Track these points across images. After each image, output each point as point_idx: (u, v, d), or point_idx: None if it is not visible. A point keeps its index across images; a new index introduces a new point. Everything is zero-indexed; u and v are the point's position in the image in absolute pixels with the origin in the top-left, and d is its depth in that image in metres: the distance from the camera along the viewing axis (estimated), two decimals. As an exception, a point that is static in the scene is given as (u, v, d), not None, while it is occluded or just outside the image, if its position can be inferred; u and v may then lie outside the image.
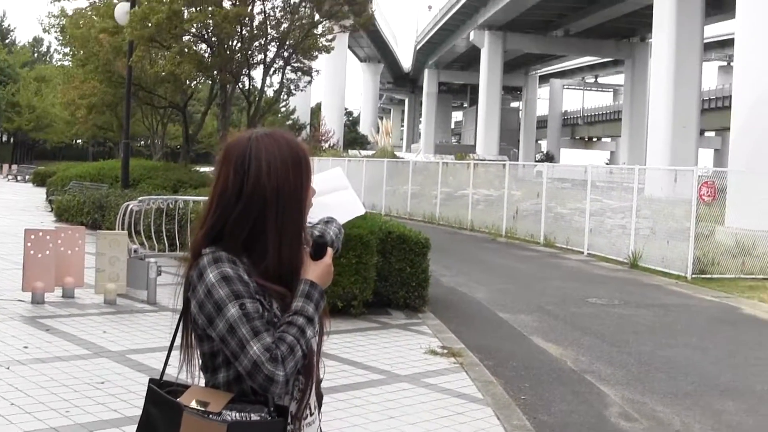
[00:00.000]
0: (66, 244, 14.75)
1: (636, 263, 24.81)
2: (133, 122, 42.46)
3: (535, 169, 38.83)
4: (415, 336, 13.34)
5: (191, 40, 33.87)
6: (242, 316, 2.88)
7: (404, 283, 15.32)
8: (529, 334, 14.45)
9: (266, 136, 3.11)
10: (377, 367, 10.97)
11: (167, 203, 19.91)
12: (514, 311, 16.56)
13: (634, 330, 15.19)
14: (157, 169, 35.50)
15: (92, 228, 23.04)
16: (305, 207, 3.13)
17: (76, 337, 11.80)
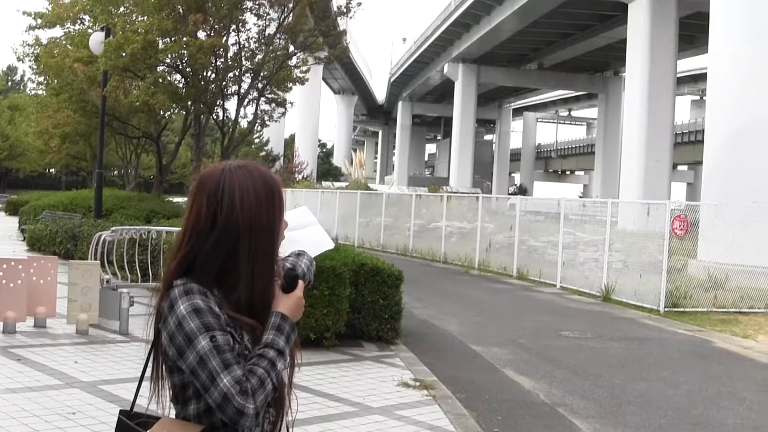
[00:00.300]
0: (38, 274, 14.70)
1: (609, 296, 24.84)
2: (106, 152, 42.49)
3: (509, 201, 38.91)
4: (387, 368, 13.31)
5: (166, 71, 33.88)
6: (213, 349, 2.88)
7: (377, 315, 15.30)
8: (502, 366, 14.45)
9: (240, 169, 3.11)
10: (349, 399, 10.94)
11: (140, 233, 19.87)
12: (487, 344, 16.55)
13: (606, 363, 15.21)
14: (130, 200, 35.40)
15: (65, 258, 22.93)
16: (278, 240, 3.13)
17: (48, 367, 11.74)
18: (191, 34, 31.08)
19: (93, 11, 37.78)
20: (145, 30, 31.02)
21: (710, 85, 33.54)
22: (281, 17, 34.16)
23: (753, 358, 16.79)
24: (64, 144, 51.82)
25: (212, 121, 36.36)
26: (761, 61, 30.14)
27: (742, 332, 19.86)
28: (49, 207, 36.19)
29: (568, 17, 70.25)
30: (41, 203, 38.67)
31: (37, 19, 43.46)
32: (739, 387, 13.90)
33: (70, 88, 40.66)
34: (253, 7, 33.77)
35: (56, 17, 42.78)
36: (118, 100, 36.68)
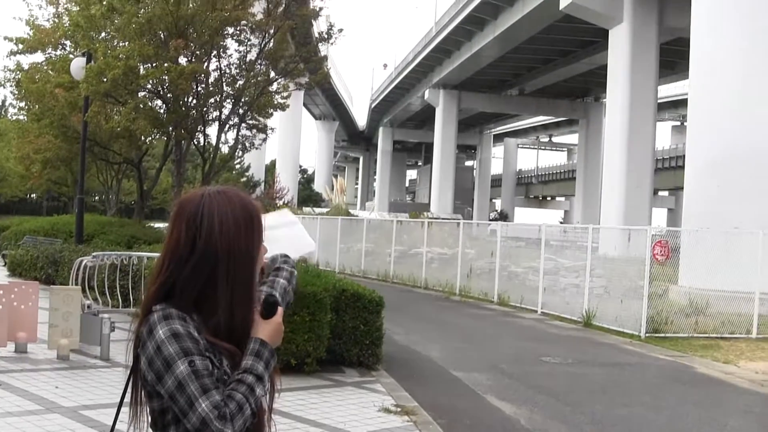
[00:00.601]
0: (19, 299, 14.65)
1: (590, 322, 24.87)
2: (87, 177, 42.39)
3: (489, 227, 39.03)
4: (368, 394, 13.31)
5: (147, 96, 33.86)
6: (191, 374, 2.87)
7: (358, 341, 15.31)
8: (483, 392, 14.45)
9: (219, 194, 3.12)
10: (331, 424, 10.92)
11: (121, 259, 19.85)
12: (468, 369, 16.55)
13: (587, 389, 15.23)
14: (111, 225, 35.32)
15: (46, 283, 22.89)
16: (257, 266, 3.13)
17: (29, 393, 11.71)
18: (172, 60, 31.08)
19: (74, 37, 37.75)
20: (127, 55, 30.99)
21: (691, 110, 33.72)
22: (262, 43, 34.20)
23: (734, 383, 16.83)
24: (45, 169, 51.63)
25: (193, 147, 36.32)
26: (741, 87, 30.34)
27: (723, 358, 19.91)
28: (30, 232, 36.10)
29: (549, 43, 70.56)
30: (22, 228, 38.56)
31: (19, 44, 43.36)
32: (721, 412, 13.93)
33: (52, 113, 40.56)
34: (234, 33, 33.79)
35: (37, 42, 42.70)
36: (99, 126, 36.59)
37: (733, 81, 30.61)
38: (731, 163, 30.22)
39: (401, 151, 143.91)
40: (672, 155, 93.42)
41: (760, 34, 30.37)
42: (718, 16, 31.74)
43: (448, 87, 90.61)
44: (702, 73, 32.51)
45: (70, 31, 36.92)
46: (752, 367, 18.66)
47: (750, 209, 29.16)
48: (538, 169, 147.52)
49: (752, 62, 30.46)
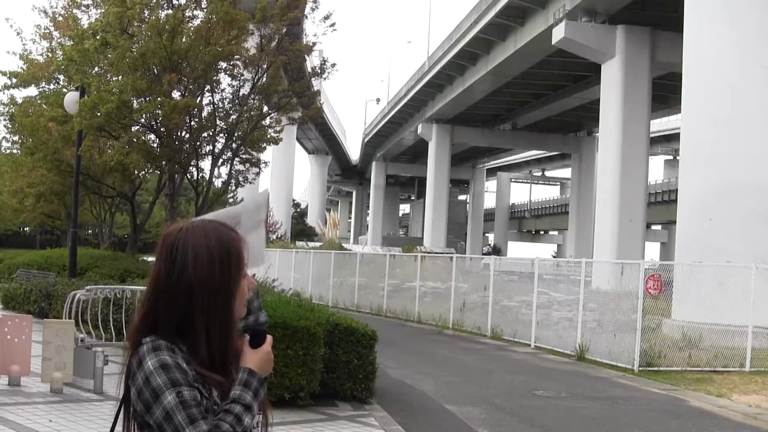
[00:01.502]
0: (12, 332, 14.65)
1: (583, 356, 24.87)
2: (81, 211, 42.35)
3: (483, 261, 39.04)
4: (362, 428, 13.30)
5: (140, 130, 33.88)
6: (179, 404, 2.90)
7: (351, 374, 15.30)
8: (476, 426, 14.44)
9: (197, 228, 3.15)
10: (324, 458, 10.94)
11: (114, 292, 19.85)
12: (461, 403, 16.55)
13: (581, 423, 15.23)
14: (104, 258, 35.29)
15: (39, 316, 22.84)
16: (234, 299, 3.12)
17: (22, 426, 11.70)
18: (166, 94, 31.11)
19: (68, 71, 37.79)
20: (120, 90, 31.03)
21: (683, 145, 33.85)
22: (255, 78, 34.26)
23: (728, 417, 16.83)
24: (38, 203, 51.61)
25: (186, 181, 36.32)
26: (733, 122, 30.49)
27: (716, 391, 19.91)
28: (24, 265, 36.08)
29: (542, 78, 70.84)
30: (15, 261, 38.56)
31: (12, 78, 43.44)
32: (713, 446, 13.94)
33: (45, 147, 40.54)
34: (228, 67, 33.86)
35: (31, 76, 42.78)
36: (92, 160, 36.62)
37: (725, 115, 30.75)
38: (724, 197, 30.32)
39: (394, 186, 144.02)
40: (665, 189, 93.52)
41: (752, 69, 30.55)
42: (709, 51, 31.91)
43: (441, 121, 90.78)
44: (694, 108, 32.68)
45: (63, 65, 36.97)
46: (745, 401, 18.66)
47: (743, 243, 29.24)
48: (531, 203, 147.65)
49: (744, 96, 30.62)
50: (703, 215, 31.05)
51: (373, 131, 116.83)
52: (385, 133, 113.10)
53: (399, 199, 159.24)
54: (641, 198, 50.67)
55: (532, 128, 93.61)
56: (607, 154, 50.92)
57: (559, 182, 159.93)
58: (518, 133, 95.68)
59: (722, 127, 30.72)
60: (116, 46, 30.99)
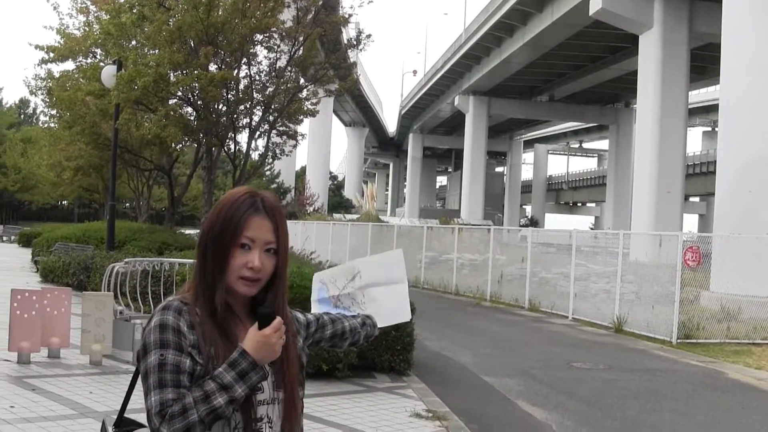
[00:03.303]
0: (52, 305, 14.73)
1: (621, 328, 24.78)
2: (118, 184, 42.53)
3: (520, 233, 38.89)
4: (400, 399, 13.31)
5: (177, 104, 33.95)
6: (157, 366, 2.95)
7: (389, 346, 15.29)
8: (514, 398, 14.42)
9: (229, 193, 3.25)
10: (362, 430, 10.93)
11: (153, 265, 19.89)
12: (499, 375, 16.53)
13: (618, 394, 15.17)
14: (142, 231, 35.46)
15: (78, 289, 22.97)
16: (219, 260, 3.11)
17: (62, 397, 11.79)
18: (202, 67, 31.11)
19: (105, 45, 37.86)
20: (157, 63, 31.08)
21: (722, 116, 33.54)
22: (292, 50, 34.21)
23: (766, 389, 16.74)
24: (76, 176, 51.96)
25: (224, 154, 36.35)
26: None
27: (755, 363, 19.81)
28: (62, 239, 36.30)
29: (579, 49, 70.39)
30: (54, 235, 38.79)
31: (50, 52, 43.62)
32: (753, 419, 13.86)
33: (82, 121, 40.74)
34: (264, 40, 33.82)
35: (68, 51, 42.93)
36: (129, 133, 36.75)
37: (764, 85, 30.46)
38: (763, 169, 30.08)
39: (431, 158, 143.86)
40: (703, 160, 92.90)
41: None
42: (748, 20, 31.60)
43: (477, 93, 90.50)
44: (733, 78, 32.38)
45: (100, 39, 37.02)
46: (785, 373, 18.57)
47: (782, 214, 29.05)
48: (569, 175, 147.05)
49: (783, 66, 30.34)
50: (742, 187, 30.81)
51: (410, 103, 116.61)
52: (422, 105, 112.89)
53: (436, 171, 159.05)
54: (679, 169, 50.29)
55: (569, 100, 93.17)
56: (645, 125, 50.54)
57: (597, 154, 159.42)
58: (555, 105, 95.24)
59: (761, 98, 30.43)
60: (153, 19, 31.03)
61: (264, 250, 3.10)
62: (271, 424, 3.10)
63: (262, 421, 3.08)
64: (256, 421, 3.06)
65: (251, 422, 3.04)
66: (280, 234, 3.14)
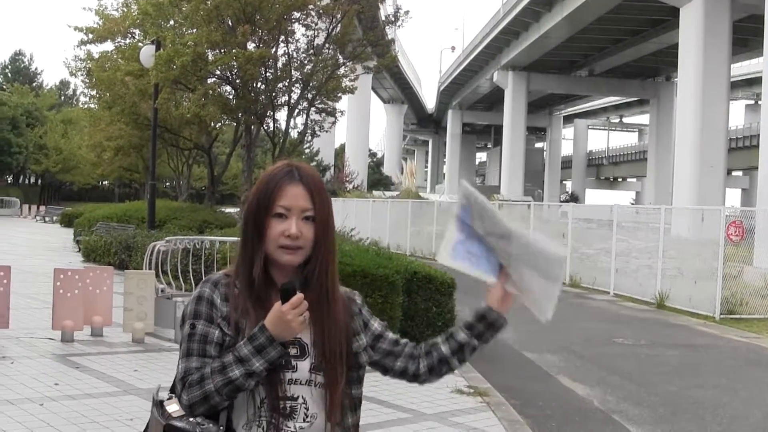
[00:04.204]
0: (94, 284, 14.83)
1: (663, 303, 24.67)
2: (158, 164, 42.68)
3: (560, 209, 38.75)
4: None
5: (216, 83, 34.02)
6: (188, 335, 3.05)
7: (430, 323, 15.28)
8: (556, 373, 14.40)
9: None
10: (404, 405, 10.94)
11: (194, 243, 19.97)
12: (540, 351, 16.50)
13: (661, 370, 15.11)
14: (182, 210, 35.63)
15: (119, 268, 23.07)
16: (252, 231, 3.12)
17: (105, 375, 11.88)
18: (240, 46, 31.13)
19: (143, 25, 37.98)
20: (195, 42, 31.15)
21: (765, 89, 33.25)
22: (329, 27, 34.15)
23: (810, 363, 16.64)
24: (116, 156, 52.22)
25: (263, 132, 36.38)
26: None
27: (799, 338, 19.70)
28: (103, 218, 36.51)
29: (619, 23, 69.86)
30: (95, 215, 39.04)
31: (88, 34, 43.83)
32: (797, 393, 13.78)
33: (122, 101, 40.94)
34: (301, 17, 33.79)
35: (107, 32, 43.11)
36: (169, 113, 36.87)
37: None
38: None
39: (470, 134, 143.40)
40: (746, 134, 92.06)
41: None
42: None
43: (516, 69, 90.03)
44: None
45: (138, 19, 37.14)
46: (829, 348, 18.44)
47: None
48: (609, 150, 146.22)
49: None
50: (786, 160, 30.55)
51: (449, 80, 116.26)
52: (461, 81, 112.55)
53: (475, 147, 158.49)
54: (722, 143, 49.85)
55: (609, 74, 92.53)
56: (686, 99, 50.12)
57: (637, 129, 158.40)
58: (595, 80, 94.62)
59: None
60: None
61: (302, 217, 3.08)
62: (307, 405, 3.08)
63: (296, 400, 3.07)
64: (287, 399, 3.05)
65: (277, 399, 3.03)
66: (316, 201, 3.11)
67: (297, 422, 3.06)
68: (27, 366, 12.34)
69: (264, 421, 3.02)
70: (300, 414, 3.06)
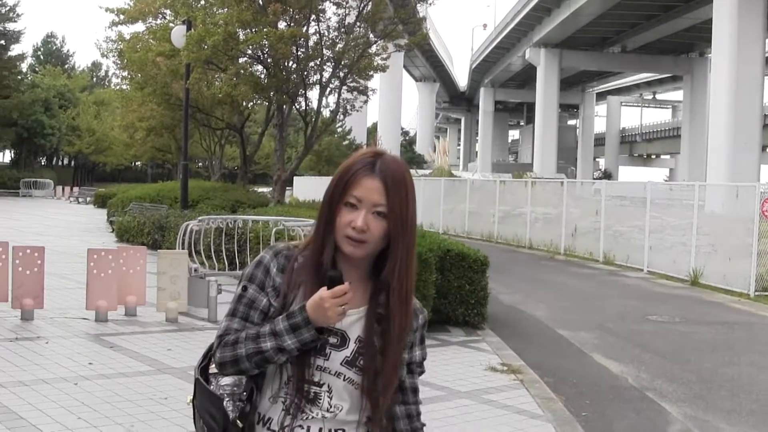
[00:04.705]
0: (128, 264, 14.88)
1: (697, 281, 24.55)
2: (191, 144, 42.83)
3: (594, 186, 38.59)
4: (474, 353, 13.30)
5: (247, 62, 34.06)
6: (238, 296, 3.09)
7: (463, 300, 15.28)
8: (589, 351, 14.36)
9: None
10: (437, 383, 10.94)
11: (226, 222, 20.02)
12: (574, 328, 16.46)
13: (695, 347, 15.05)
14: (215, 190, 35.73)
15: (153, 248, 23.16)
16: (330, 213, 3.07)
17: (139, 354, 11.93)
18: (271, 25, 31.15)
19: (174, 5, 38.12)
20: (226, 22, 31.20)
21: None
22: (360, 6, 34.12)
23: None
24: (148, 137, 52.48)
25: (295, 111, 36.44)
26: None
27: (834, 315, 19.57)
28: (136, 199, 36.64)
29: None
30: (128, 195, 39.18)
31: (120, 15, 43.96)
32: (833, 369, 13.69)
33: (154, 81, 41.08)
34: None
35: (138, 13, 43.22)
36: (201, 93, 36.98)
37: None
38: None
39: (503, 112, 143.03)
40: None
41: None
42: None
43: (548, 46, 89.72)
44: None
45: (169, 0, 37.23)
46: None
47: None
48: (642, 127, 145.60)
49: None
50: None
51: (480, 57, 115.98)
52: (493, 59, 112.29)
53: (508, 125, 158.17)
54: (756, 120, 49.55)
55: (642, 50, 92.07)
56: (721, 75, 49.83)
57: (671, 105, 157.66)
58: (628, 56, 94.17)
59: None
60: (220, -22, 31.13)
61: (372, 212, 3.01)
62: (332, 395, 3.05)
63: (321, 387, 3.04)
64: (312, 383, 3.02)
65: (303, 381, 3.01)
66: (391, 196, 3.03)
67: (321, 410, 3.04)
68: (61, 346, 12.40)
69: (288, 399, 3.02)
70: (324, 402, 3.04)
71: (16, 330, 13.34)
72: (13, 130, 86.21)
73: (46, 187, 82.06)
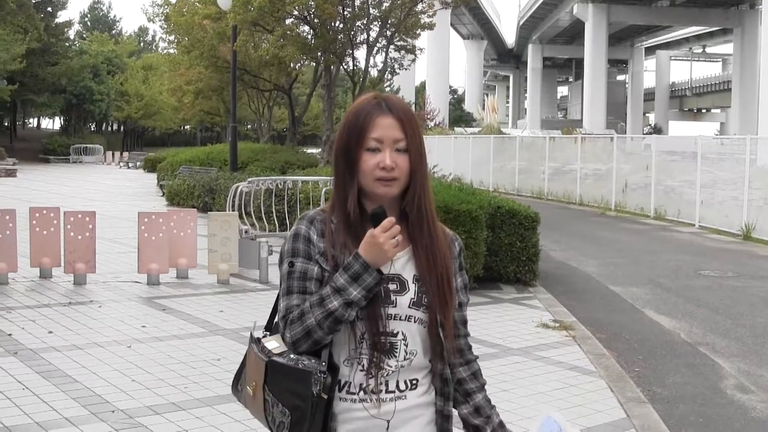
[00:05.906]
0: (178, 227, 14.96)
1: (749, 235, 24.36)
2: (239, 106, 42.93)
3: (644, 142, 38.32)
4: (526, 310, 13.29)
5: (294, 23, 34.06)
6: (287, 274, 3.07)
7: (514, 257, 15.26)
8: (641, 306, 14.30)
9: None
10: (489, 341, 10.95)
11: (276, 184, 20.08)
12: (626, 284, 16.39)
13: (748, 302, 14.95)
14: (264, 152, 35.81)
15: (203, 211, 23.24)
16: (343, 163, 3.09)
17: (192, 316, 12.02)
18: (317, -15, 31.14)
19: (220, -33, 38.14)
20: (272, -17, 31.19)
21: None
22: (406, -37, 34.01)
23: None
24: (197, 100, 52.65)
25: (342, 71, 36.42)
26: None
27: None
28: (186, 162, 36.77)
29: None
30: (178, 159, 39.32)
31: (166, -22, 44.06)
32: None
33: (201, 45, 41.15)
34: (378, -46, 33.71)
35: (184, -24, 43.31)
36: (248, 55, 37.01)
37: None
38: None
39: (551, 68, 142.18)
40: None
41: None
42: None
43: (597, 0, 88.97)
44: None
45: (215, -39, 37.26)
46: None
47: None
48: (692, 81, 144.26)
49: None
50: None
51: (528, 13, 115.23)
52: (540, 15, 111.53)
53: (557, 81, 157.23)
54: (809, 71, 49.03)
55: (690, 3, 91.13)
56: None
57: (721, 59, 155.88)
58: (677, 10, 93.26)
59: None
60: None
61: (395, 149, 3.03)
62: (407, 341, 3.05)
63: (396, 336, 3.04)
64: (386, 335, 3.02)
65: (378, 335, 3.00)
66: (408, 131, 3.06)
67: (398, 360, 3.05)
68: (114, 309, 12.54)
69: (364, 358, 3.01)
70: (400, 351, 3.05)
71: (70, 294, 13.48)
72: (62, 96, 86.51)
73: (96, 153, 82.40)
